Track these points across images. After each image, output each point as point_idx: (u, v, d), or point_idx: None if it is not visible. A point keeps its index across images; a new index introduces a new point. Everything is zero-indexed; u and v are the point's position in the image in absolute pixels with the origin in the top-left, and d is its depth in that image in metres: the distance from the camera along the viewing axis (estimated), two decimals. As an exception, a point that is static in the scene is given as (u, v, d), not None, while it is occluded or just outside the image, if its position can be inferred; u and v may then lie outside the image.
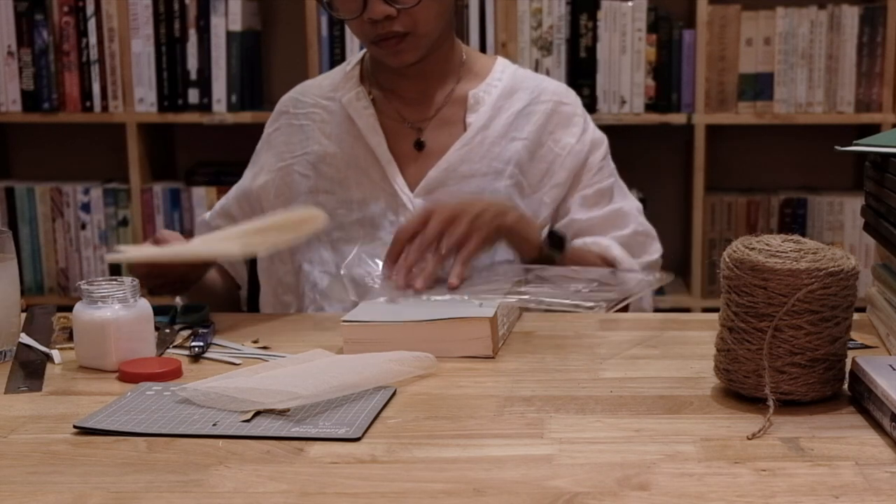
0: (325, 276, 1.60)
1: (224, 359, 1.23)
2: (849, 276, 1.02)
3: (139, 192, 2.88)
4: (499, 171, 1.60)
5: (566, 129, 1.64)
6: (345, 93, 1.65)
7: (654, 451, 0.93)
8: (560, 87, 1.70)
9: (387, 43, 1.52)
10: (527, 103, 1.64)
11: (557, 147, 1.63)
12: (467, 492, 0.85)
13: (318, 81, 1.72)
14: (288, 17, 2.95)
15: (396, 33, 1.51)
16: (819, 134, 2.87)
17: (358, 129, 1.62)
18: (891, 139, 1.26)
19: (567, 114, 1.65)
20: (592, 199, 1.64)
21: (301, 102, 1.69)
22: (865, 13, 2.72)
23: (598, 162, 1.66)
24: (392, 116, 1.64)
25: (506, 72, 1.67)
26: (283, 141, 1.67)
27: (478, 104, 1.62)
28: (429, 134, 1.63)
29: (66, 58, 2.83)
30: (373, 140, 1.61)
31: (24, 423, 1.02)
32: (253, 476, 0.88)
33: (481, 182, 1.59)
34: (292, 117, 1.68)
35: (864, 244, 2.76)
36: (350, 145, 1.62)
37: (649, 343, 1.29)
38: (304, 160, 1.64)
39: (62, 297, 2.88)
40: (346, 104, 1.64)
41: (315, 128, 1.65)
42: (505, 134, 1.61)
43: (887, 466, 0.89)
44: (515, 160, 1.61)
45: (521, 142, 1.62)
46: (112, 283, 1.20)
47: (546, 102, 1.65)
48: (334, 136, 1.63)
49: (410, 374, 1.14)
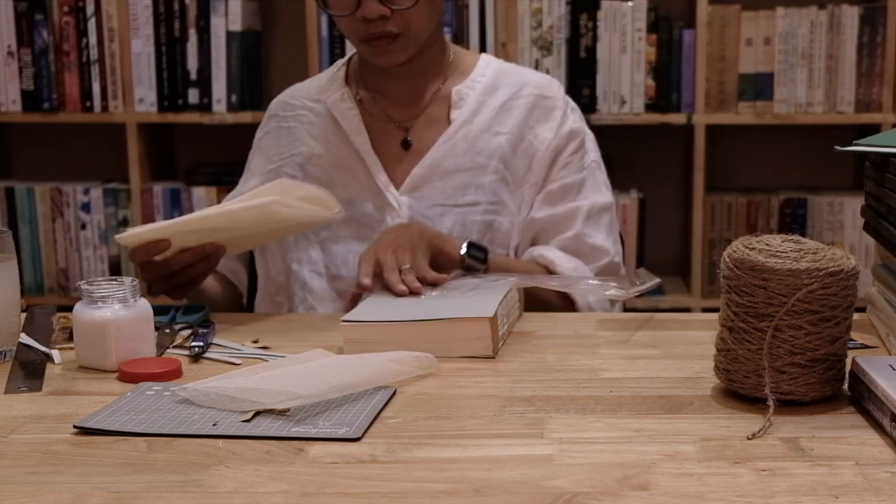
0: (314, 275, 1.60)
1: (224, 359, 1.23)
2: (849, 276, 1.02)
3: (139, 192, 2.88)
4: (482, 165, 1.60)
5: (545, 123, 1.63)
6: (330, 94, 1.66)
7: (654, 451, 0.93)
8: (543, 79, 1.68)
9: (378, 42, 1.52)
10: (508, 97, 1.63)
11: (537, 141, 1.62)
12: (467, 492, 0.85)
13: (306, 84, 1.74)
14: (288, 17, 2.95)
15: (388, 33, 1.51)
16: (819, 134, 2.87)
17: (343, 131, 1.63)
18: (891, 139, 1.26)
19: (547, 107, 1.64)
20: (557, 194, 1.62)
21: (289, 105, 1.70)
22: (865, 13, 2.72)
23: (569, 156, 1.63)
24: (379, 116, 1.64)
25: (489, 67, 1.66)
26: (273, 144, 1.69)
27: (461, 100, 1.63)
28: (415, 133, 1.63)
29: (66, 58, 2.83)
30: (357, 140, 1.62)
31: (24, 423, 1.02)
32: (253, 476, 0.88)
33: (465, 177, 1.59)
34: (281, 120, 1.69)
35: (864, 244, 2.76)
36: (336, 146, 1.63)
37: (649, 343, 1.29)
38: (292, 161, 1.65)
39: (62, 297, 2.88)
40: (330, 106, 1.65)
41: (302, 129, 1.66)
42: (488, 128, 1.61)
43: (887, 466, 0.89)
44: (499, 155, 1.60)
45: (504, 136, 1.61)
46: (112, 283, 1.20)
47: (527, 96, 1.64)
48: (321, 137, 1.64)
49: (410, 374, 1.14)
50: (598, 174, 1.66)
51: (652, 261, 2.96)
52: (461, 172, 1.60)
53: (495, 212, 1.60)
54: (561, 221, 1.61)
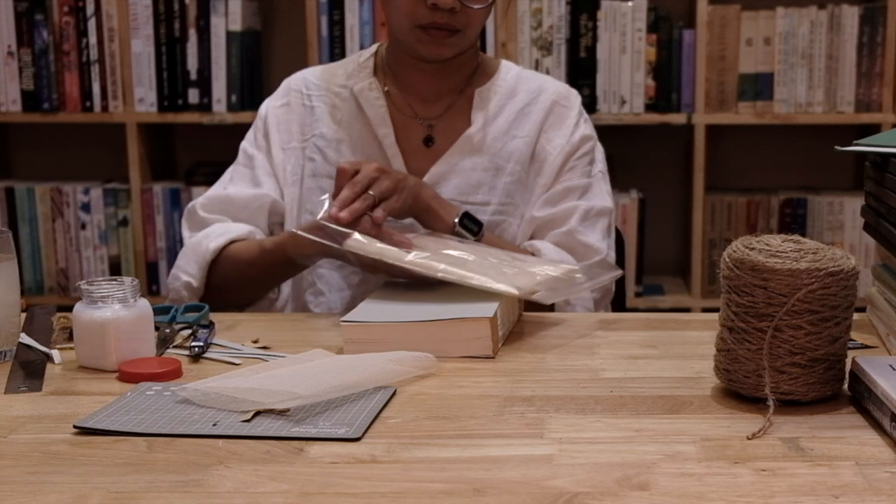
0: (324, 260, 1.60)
1: (224, 359, 1.23)
2: (849, 276, 1.02)
3: (139, 192, 2.88)
4: (500, 167, 1.61)
5: (559, 130, 1.65)
6: (357, 81, 1.65)
7: (654, 451, 0.93)
8: (561, 87, 1.70)
9: (437, 33, 1.53)
10: (527, 102, 1.66)
11: (549, 146, 1.64)
12: (467, 492, 0.85)
13: (330, 68, 1.72)
14: (288, 17, 2.95)
15: (451, 27, 1.52)
16: (819, 134, 2.87)
17: (367, 119, 1.63)
18: (891, 139, 1.26)
19: (562, 114, 1.66)
20: (559, 195, 1.62)
21: (313, 84, 1.68)
22: (865, 13, 2.72)
23: (576, 160, 1.64)
24: (404, 111, 1.64)
25: (510, 72, 1.69)
26: (294, 119, 1.66)
27: (483, 102, 1.64)
28: (437, 131, 1.64)
29: (66, 58, 2.83)
30: (381, 131, 1.62)
31: (24, 423, 1.02)
32: (253, 476, 0.88)
33: (483, 177, 1.61)
34: (304, 98, 1.67)
35: (864, 244, 2.76)
36: (359, 133, 1.63)
37: (649, 343, 1.29)
38: (313, 143, 1.64)
39: (62, 297, 2.88)
40: (357, 93, 1.64)
41: (326, 111, 1.65)
42: (507, 131, 1.63)
43: (887, 466, 0.89)
44: (516, 157, 1.62)
45: (522, 139, 1.63)
46: (112, 283, 1.20)
47: (545, 101, 1.66)
48: (344, 122, 1.64)
49: (410, 374, 1.14)
50: (603, 184, 1.68)
51: (652, 261, 2.96)
52: (478, 172, 1.61)
53: (505, 213, 1.61)
54: (557, 219, 1.61)
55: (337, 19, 2.78)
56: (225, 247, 1.57)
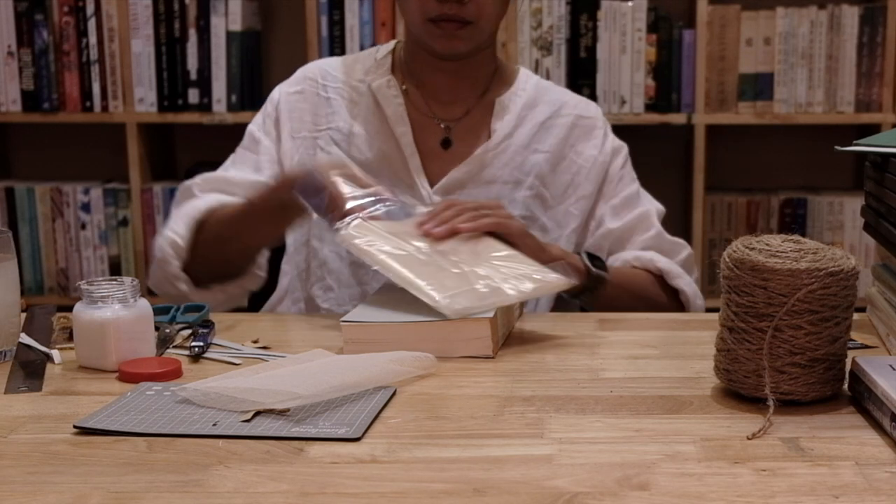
0: (335, 256, 1.60)
1: (224, 359, 1.23)
2: (849, 276, 1.02)
3: (139, 192, 2.88)
4: (519, 180, 1.62)
5: (587, 142, 1.67)
6: (375, 78, 1.64)
7: (654, 451, 0.93)
8: (581, 100, 1.71)
9: (448, 25, 1.52)
10: (548, 116, 1.66)
11: (580, 159, 1.65)
12: (467, 492, 0.85)
13: (346, 62, 1.70)
14: (288, 17, 2.95)
15: (461, 18, 1.51)
16: (819, 134, 2.87)
17: (385, 116, 1.62)
18: (891, 139, 1.26)
19: (587, 126, 1.67)
20: (620, 206, 1.66)
21: (330, 75, 1.67)
22: (865, 13, 2.72)
23: (619, 170, 1.68)
24: (422, 111, 1.64)
25: (529, 82, 1.68)
26: (308, 109, 1.65)
27: (503, 111, 1.64)
28: (456, 134, 1.63)
29: (66, 58, 2.83)
30: (398, 129, 1.61)
31: (24, 423, 1.02)
32: (253, 476, 0.88)
33: (501, 189, 1.61)
34: (319, 87, 1.66)
35: (864, 244, 2.76)
36: (376, 129, 1.62)
37: (649, 343, 1.29)
38: (328, 135, 1.63)
39: (62, 297, 2.88)
40: (375, 90, 1.63)
41: (342, 104, 1.64)
42: (528, 145, 1.63)
43: (887, 466, 0.89)
44: (536, 172, 1.62)
45: (543, 154, 1.63)
46: (112, 283, 1.20)
47: (567, 116, 1.67)
48: (361, 117, 1.63)
49: (410, 374, 1.14)
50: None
51: (652, 261, 2.96)
52: (497, 184, 1.61)
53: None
54: (638, 225, 1.65)
55: (337, 19, 2.78)
56: (215, 210, 1.56)
